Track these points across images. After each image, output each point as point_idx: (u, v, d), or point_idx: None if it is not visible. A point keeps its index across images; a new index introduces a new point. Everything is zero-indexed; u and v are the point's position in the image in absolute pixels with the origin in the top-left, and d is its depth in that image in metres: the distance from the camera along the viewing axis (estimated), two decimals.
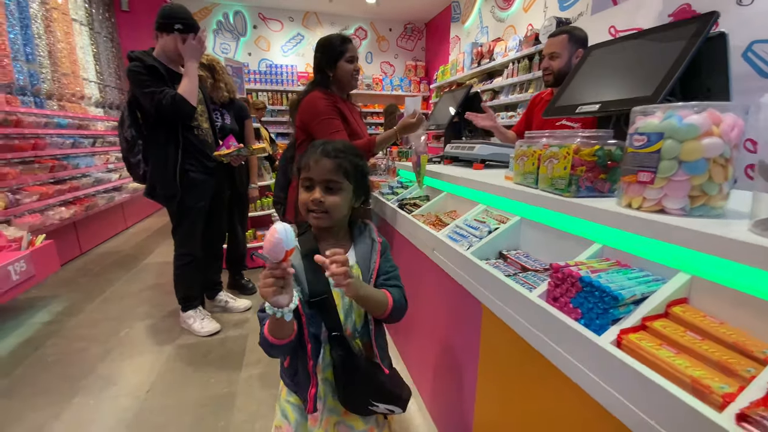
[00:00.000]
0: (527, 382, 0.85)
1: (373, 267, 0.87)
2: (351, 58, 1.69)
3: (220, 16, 6.34)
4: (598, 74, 1.16)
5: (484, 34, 5.13)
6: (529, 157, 1.05)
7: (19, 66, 3.58)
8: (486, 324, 0.99)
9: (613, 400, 0.58)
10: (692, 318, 0.60)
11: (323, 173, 0.84)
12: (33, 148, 3.30)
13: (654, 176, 0.70)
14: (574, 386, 0.65)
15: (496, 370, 0.98)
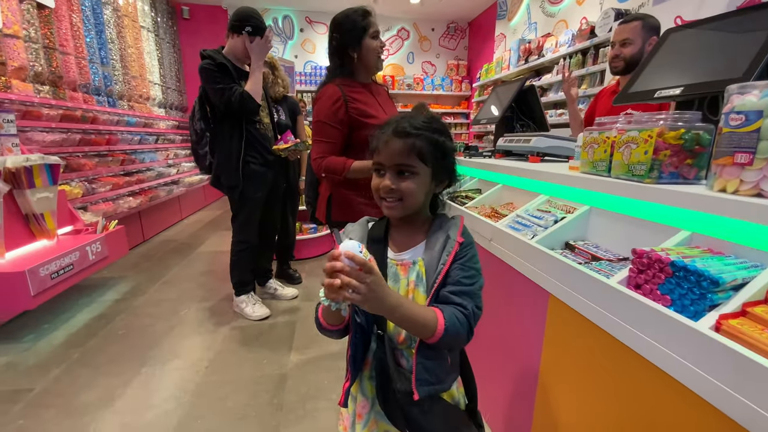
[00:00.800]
0: (603, 374, 0.81)
1: (439, 270, 0.70)
2: (375, 33, 1.45)
3: (270, 21, 6.63)
4: (678, 58, 1.09)
5: (532, 30, 4.98)
6: (600, 144, 1.01)
7: (94, 68, 3.96)
8: (553, 314, 0.97)
9: (712, 388, 0.55)
10: None
11: (393, 156, 0.70)
12: (107, 143, 3.64)
13: (753, 157, 0.65)
14: (663, 375, 0.62)
15: (563, 362, 0.95)
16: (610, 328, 0.74)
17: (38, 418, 1.51)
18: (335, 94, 1.41)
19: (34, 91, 3.06)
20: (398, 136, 0.70)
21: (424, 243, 0.76)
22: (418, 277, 0.72)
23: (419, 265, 0.73)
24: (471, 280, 0.71)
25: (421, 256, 0.74)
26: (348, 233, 0.78)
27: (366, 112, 1.44)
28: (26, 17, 3.06)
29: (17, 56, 2.93)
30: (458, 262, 0.71)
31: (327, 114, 1.42)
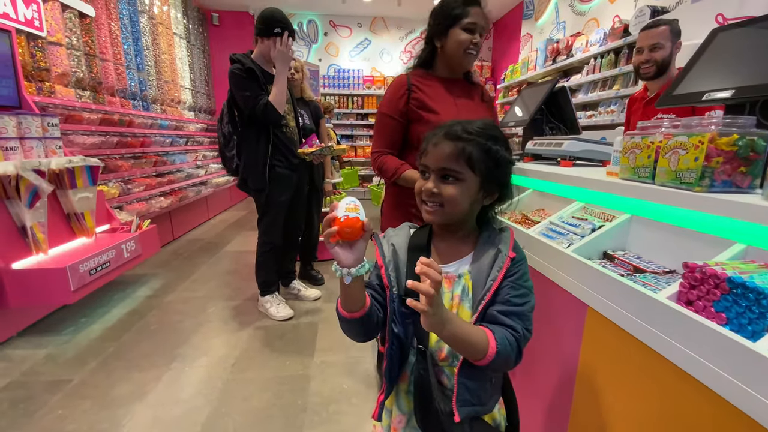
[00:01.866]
0: (646, 392, 0.77)
1: (489, 287, 0.66)
2: (470, 25, 1.26)
3: (295, 26, 6.74)
4: (727, 59, 1.03)
5: (561, 30, 4.84)
6: (643, 149, 0.96)
7: (131, 74, 4.14)
8: (591, 328, 0.92)
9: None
10: None
11: (439, 159, 0.67)
12: (141, 146, 3.80)
13: None
14: (717, 398, 0.58)
15: (599, 379, 0.91)
16: (656, 346, 0.70)
17: (76, 408, 1.58)
18: (401, 84, 1.33)
19: (75, 96, 3.23)
20: (448, 138, 0.68)
21: (470, 255, 0.72)
22: (464, 292, 0.69)
23: (465, 279, 0.70)
24: (522, 299, 0.67)
25: (467, 269, 0.70)
26: (389, 238, 0.77)
27: (426, 105, 1.30)
28: (68, 25, 3.23)
29: (60, 63, 3.10)
30: (509, 279, 0.67)
31: (388, 104, 1.33)
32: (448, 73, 1.37)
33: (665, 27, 1.62)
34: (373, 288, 0.75)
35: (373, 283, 0.75)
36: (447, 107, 1.31)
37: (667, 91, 1.14)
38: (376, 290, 0.74)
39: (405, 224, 0.80)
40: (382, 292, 0.74)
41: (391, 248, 0.74)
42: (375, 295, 0.73)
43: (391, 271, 0.71)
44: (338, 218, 0.61)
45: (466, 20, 1.25)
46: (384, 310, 0.73)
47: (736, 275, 0.61)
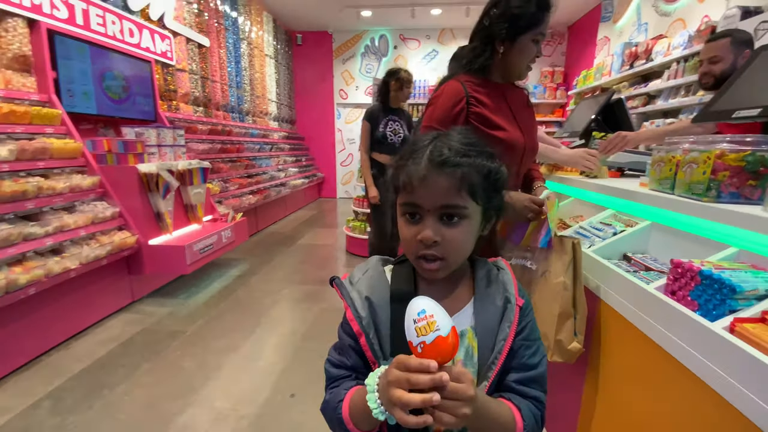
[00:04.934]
0: (637, 370, 0.90)
1: (500, 348, 0.55)
2: (540, 35, 1.09)
3: (367, 41, 7.28)
4: (765, 77, 1.07)
5: (642, 32, 4.56)
6: (666, 162, 1.07)
7: (232, 91, 4.92)
8: (601, 317, 1.06)
9: (724, 383, 0.63)
10: None
11: (436, 196, 0.52)
12: (237, 151, 4.51)
13: None
14: (686, 371, 0.71)
15: (606, 362, 1.03)
16: (645, 329, 0.83)
17: (189, 351, 2.07)
18: (458, 93, 1.09)
19: (193, 112, 4.00)
20: (440, 167, 0.52)
21: (470, 305, 0.58)
22: (467, 355, 0.55)
23: (468, 338, 0.56)
24: (538, 357, 0.57)
25: (469, 325, 0.57)
26: (359, 286, 0.58)
27: (490, 120, 1.11)
28: (190, 55, 4.02)
29: (184, 85, 3.88)
30: (522, 336, 0.56)
31: (442, 117, 1.10)
32: (501, 79, 1.17)
33: (725, 40, 1.60)
34: (352, 368, 0.58)
35: (348, 363, 0.58)
36: (507, 119, 1.14)
37: (705, 106, 1.20)
38: (359, 369, 0.58)
39: (374, 260, 0.63)
40: (365, 370, 0.57)
41: (366, 304, 0.57)
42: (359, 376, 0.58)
43: (373, 339, 0.56)
44: (414, 348, 0.44)
45: (539, 29, 1.07)
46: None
47: (708, 269, 0.73)
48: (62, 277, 1.99)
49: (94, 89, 2.70)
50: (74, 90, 2.55)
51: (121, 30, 3.00)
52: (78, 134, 2.41)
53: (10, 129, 2.04)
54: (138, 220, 2.53)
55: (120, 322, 2.40)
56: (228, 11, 4.78)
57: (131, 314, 2.50)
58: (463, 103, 1.09)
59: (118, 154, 2.50)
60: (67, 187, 2.17)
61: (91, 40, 2.69)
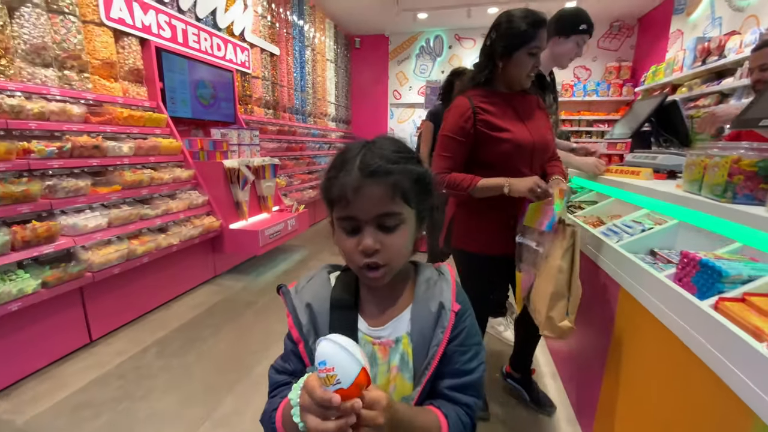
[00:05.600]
0: (648, 348, 1.02)
1: (432, 354, 0.56)
2: (535, 49, 1.21)
3: (423, 42, 7.45)
4: None
5: (716, 26, 4.21)
6: (696, 166, 1.15)
7: (297, 95, 5.40)
8: (622, 305, 1.17)
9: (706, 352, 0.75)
10: None
11: (372, 206, 0.53)
12: (300, 150, 4.97)
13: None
14: (681, 344, 0.84)
15: (625, 343, 1.15)
16: (654, 311, 0.95)
17: (261, 318, 2.45)
18: (464, 107, 1.26)
19: (264, 114, 4.51)
20: (373, 176, 0.52)
21: (408, 311, 0.59)
22: (403, 361, 0.56)
23: (404, 345, 0.57)
24: (474, 363, 0.59)
25: (405, 331, 0.58)
26: (302, 293, 0.61)
27: (494, 124, 1.24)
28: (263, 63, 4.52)
29: (257, 90, 4.38)
30: (456, 342, 0.57)
31: (453, 127, 1.27)
32: (506, 89, 1.31)
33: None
34: (293, 373, 0.60)
35: (290, 368, 0.60)
36: (512, 122, 1.27)
37: (739, 114, 1.24)
38: (299, 374, 0.59)
39: (322, 268, 0.66)
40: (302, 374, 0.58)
41: (307, 311, 0.59)
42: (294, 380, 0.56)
43: (312, 345, 0.56)
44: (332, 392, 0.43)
45: (533, 44, 1.20)
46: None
47: (706, 259, 0.85)
48: (167, 250, 2.47)
49: (189, 97, 3.23)
50: (176, 98, 3.08)
51: (211, 45, 3.52)
52: (178, 135, 2.92)
53: (129, 130, 2.56)
54: (221, 207, 2.99)
55: (205, 291, 2.87)
56: (296, 20, 5.26)
57: (213, 286, 2.97)
58: (470, 113, 1.25)
59: (208, 152, 2.98)
60: (171, 178, 2.67)
61: (189, 55, 3.22)
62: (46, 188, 1.91)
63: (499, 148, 1.26)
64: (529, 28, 1.19)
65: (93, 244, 2.05)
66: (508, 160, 1.27)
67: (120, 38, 2.70)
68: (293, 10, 5.16)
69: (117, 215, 2.20)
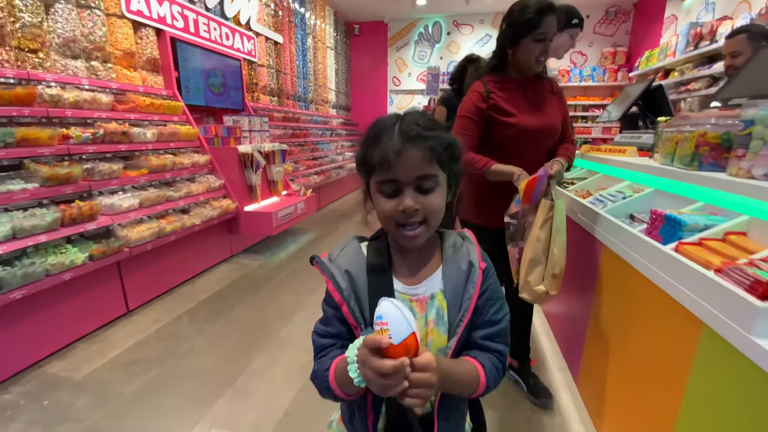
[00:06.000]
0: (618, 282, 1.23)
1: (466, 307, 0.62)
2: (541, 35, 1.28)
3: (421, 29, 7.51)
4: (760, 72, 1.29)
5: (710, 11, 4.35)
6: (669, 141, 1.34)
7: (299, 82, 5.51)
8: (603, 258, 1.38)
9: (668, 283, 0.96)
10: (739, 241, 0.91)
11: (413, 168, 0.58)
12: (304, 136, 5.11)
13: (746, 152, 0.99)
14: (650, 284, 1.05)
15: (607, 290, 1.36)
16: (630, 259, 1.16)
17: (278, 293, 2.66)
18: (480, 90, 1.38)
19: (269, 102, 4.63)
20: (412, 141, 0.57)
21: (439, 271, 0.65)
22: (438, 315, 0.62)
23: (438, 300, 0.63)
24: (501, 313, 0.65)
25: (439, 288, 0.63)
26: (338, 261, 0.65)
27: (503, 109, 1.35)
28: (268, 52, 4.62)
29: (263, 78, 4.50)
30: (485, 295, 0.63)
31: (470, 108, 1.38)
32: (519, 74, 1.40)
33: (742, 35, 1.73)
34: (336, 336, 0.65)
35: (333, 331, 0.65)
36: (521, 107, 1.38)
37: (714, 94, 1.43)
38: (343, 336, 0.65)
39: (352, 239, 0.70)
40: (349, 336, 0.64)
41: (346, 277, 0.63)
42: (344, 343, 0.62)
43: (354, 306, 0.62)
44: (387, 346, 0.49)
45: (539, 30, 1.27)
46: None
47: (671, 213, 1.05)
48: (190, 230, 2.65)
49: (202, 85, 3.36)
50: (190, 86, 3.21)
51: (220, 35, 3.63)
52: (194, 122, 3.07)
53: (150, 117, 2.71)
54: (236, 191, 3.17)
55: (224, 269, 3.07)
56: (297, 8, 5.33)
57: (231, 264, 3.17)
58: (483, 96, 1.37)
59: (223, 138, 3.14)
60: (190, 162, 2.83)
61: (201, 44, 3.34)
62: (84, 171, 2.08)
63: (505, 132, 1.38)
64: (534, 15, 1.26)
65: (128, 222, 2.23)
66: (512, 143, 1.39)
67: (138, 29, 2.82)
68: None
69: (146, 196, 2.37)
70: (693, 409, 0.87)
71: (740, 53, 1.76)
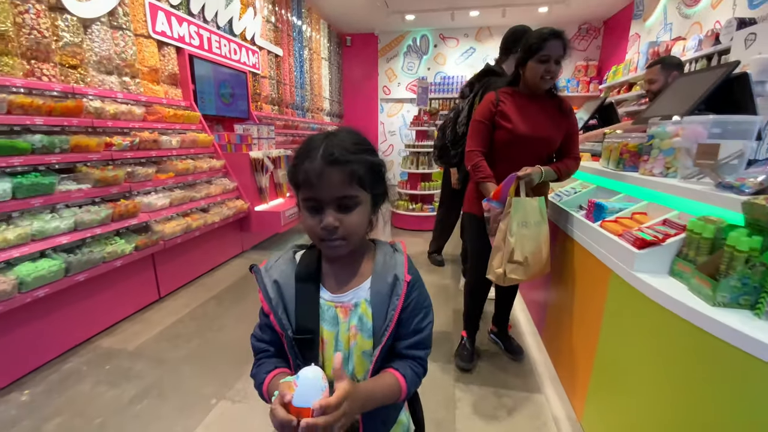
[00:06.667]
0: (569, 255, 1.64)
1: (390, 317, 0.66)
2: (544, 57, 1.51)
3: (410, 41, 7.97)
4: (672, 96, 1.74)
5: (667, 31, 4.92)
6: (606, 149, 1.77)
7: (297, 91, 5.87)
8: (559, 239, 1.80)
9: (594, 248, 1.38)
10: (639, 219, 1.33)
11: (332, 189, 0.61)
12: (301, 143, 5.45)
13: (649, 157, 1.41)
14: (584, 249, 1.46)
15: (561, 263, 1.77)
16: (576, 237, 1.57)
17: None
18: (491, 98, 1.63)
19: (271, 111, 4.97)
20: (333, 164, 0.61)
21: (368, 282, 0.69)
22: (361, 322, 0.67)
23: (362, 309, 0.67)
24: (425, 321, 0.70)
25: (364, 297, 0.68)
26: (270, 270, 0.69)
27: (506, 115, 1.60)
28: (269, 64, 4.97)
29: (265, 89, 4.84)
30: (410, 307, 0.68)
31: (481, 113, 1.64)
32: (528, 91, 1.63)
33: (657, 66, 2.18)
34: (270, 342, 0.71)
35: (267, 338, 0.71)
36: (522, 118, 1.59)
37: (641, 113, 1.87)
38: (275, 343, 0.71)
39: (289, 248, 0.75)
40: (279, 342, 0.70)
41: (275, 286, 0.67)
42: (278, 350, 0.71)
43: (281, 315, 0.66)
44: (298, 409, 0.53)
45: (542, 53, 1.50)
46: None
47: (599, 201, 1.46)
48: (211, 227, 2.98)
49: (214, 96, 3.70)
50: (204, 98, 3.54)
51: (229, 50, 3.98)
52: (208, 130, 3.40)
53: (173, 126, 3.04)
54: (247, 192, 3.50)
55: (238, 263, 3.39)
56: (295, 21, 5.70)
57: (243, 259, 3.50)
58: (494, 102, 1.63)
59: (235, 144, 3.47)
60: (208, 167, 3.16)
61: (213, 60, 3.68)
62: (125, 174, 2.39)
63: (501, 135, 1.62)
64: (537, 41, 1.50)
65: (161, 219, 2.55)
66: (506, 146, 1.63)
67: (161, 48, 3.15)
68: (293, 12, 5.60)
69: (175, 196, 2.70)
70: (607, 328, 1.29)
71: (655, 81, 2.21)
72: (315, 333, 0.66)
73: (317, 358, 0.66)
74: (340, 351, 0.67)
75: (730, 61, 1.49)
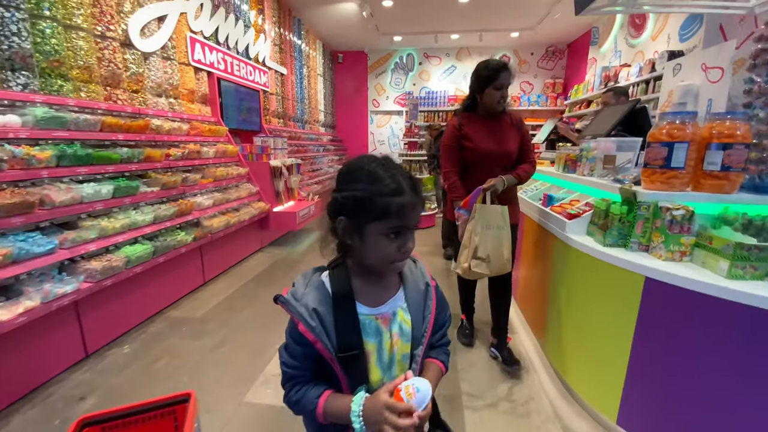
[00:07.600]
0: (534, 232, 2.31)
1: (428, 320, 0.74)
2: (499, 85, 1.77)
3: (397, 59, 8.71)
4: (601, 118, 2.46)
5: (617, 57, 5.81)
6: (558, 158, 2.47)
7: (298, 105, 6.45)
8: (526, 224, 2.47)
9: (546, 224, 2.04)
10: (574, 203, 2.00)
11: (417, 217, 0.68)
12: (305, 152, 6.03)
13: (579, 164, 2.11)
14: (544, 230, 2.13)
15: (524, 239, 2.44)
16: (540, 222, 2.24)
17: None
18: (454, 123, 1.91)
19: (277, 123, 5.54)
20: (419, 195, 0.69)
21: (401, 292, 0.76)
22: (400, 329, 0.73)
23: (400, 316, 0.73)
24: (446, 313, 0.83)
25: (399, 306, 0.74)
26: (303, 300, 0.70)
27: (468, 137, 1.87)
28: (276, 82, 5.55)
29: (272, 104, 5.41)
30: (438, 306, 0.79)
31: (449, 138, 1.92)
32: (485, 113, 1.88)
33: (610, 92, 2.94)
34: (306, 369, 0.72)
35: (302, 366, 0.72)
36: (481, 138, 1.86)
37: (582, 130, 2.58)
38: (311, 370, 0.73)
39: (312, 273, 0.77)
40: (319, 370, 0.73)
41: (315, 315, 0.69)
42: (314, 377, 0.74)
43: (326, 342, 0.68)
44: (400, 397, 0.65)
45: (497, 82, 1.76)
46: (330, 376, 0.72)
47: (551, 194, 2.14)
48: (242, 224, 3.52)
49: (235, 112, 4.25)
50: (229, 114, 4.09)
51: (247, 72, 4.55)
52: (233, 141, 3.95)
53: (208, 139, 3.57)
54: (267, 196, 4.05)
55: (260, 257, 3.93)
56: (296, 41, 6.31)
57: (264, 253, 4.03)
58: (457, 127, 1.90)
59: (257, 154, 4.03)
60: (236, 174, 3.70)
61: (235, 81, 4.24)
62: (181, 179, 2.93)
63: (468, 154, 1.91)
64: (492, 72, 1.76)
65: (207, 216, 3.09)
66: (474, 162, 1.90)
67: (197, 72, 3.69)
68: (294, 34, 6.22)
69: (217, 198, 3.23)
70: (553, 274, 1.95)
71: (608, 103, 2.95)
72: (360, 348, 0.69)
73: (365, 371, 0.71)
74: (384, 358, 0.72)
75: (632, 99, 2.22)
